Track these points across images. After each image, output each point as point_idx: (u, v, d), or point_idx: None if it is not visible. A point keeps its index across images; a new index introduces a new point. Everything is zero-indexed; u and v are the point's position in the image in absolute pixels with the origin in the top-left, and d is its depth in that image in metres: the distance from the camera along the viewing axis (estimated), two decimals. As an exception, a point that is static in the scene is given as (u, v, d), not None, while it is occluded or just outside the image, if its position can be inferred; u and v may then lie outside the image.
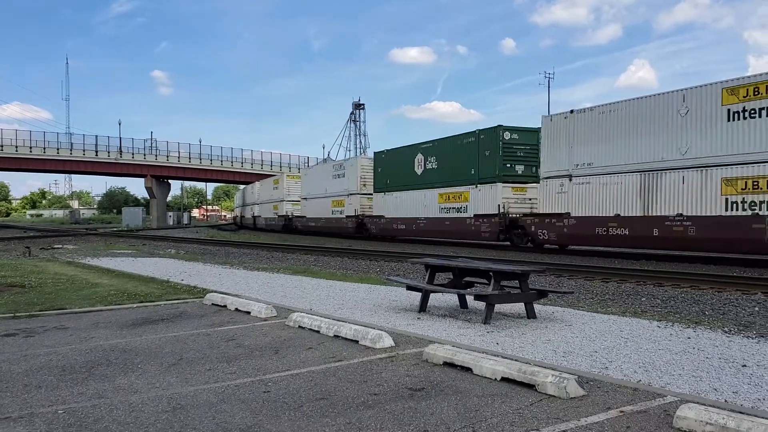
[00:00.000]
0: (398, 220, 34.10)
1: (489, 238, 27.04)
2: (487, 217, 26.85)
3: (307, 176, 49.15)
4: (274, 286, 12.20)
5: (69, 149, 73.24)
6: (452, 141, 30.23)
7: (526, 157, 26.89)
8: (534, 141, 26.23)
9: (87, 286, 11.96)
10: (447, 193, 30.03)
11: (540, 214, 24.00)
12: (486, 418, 4.20)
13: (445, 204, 30.26)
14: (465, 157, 28.70)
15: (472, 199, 28.18)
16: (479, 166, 27.78)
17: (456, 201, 29.42)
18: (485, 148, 27.44)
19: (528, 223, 24.60)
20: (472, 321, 8.07)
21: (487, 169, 27.24)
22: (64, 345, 6.79)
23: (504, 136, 26.79)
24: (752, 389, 4.90)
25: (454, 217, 29.47)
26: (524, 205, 26.64)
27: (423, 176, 32.25)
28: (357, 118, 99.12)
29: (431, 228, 31.36)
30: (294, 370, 5.57)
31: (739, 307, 9.83)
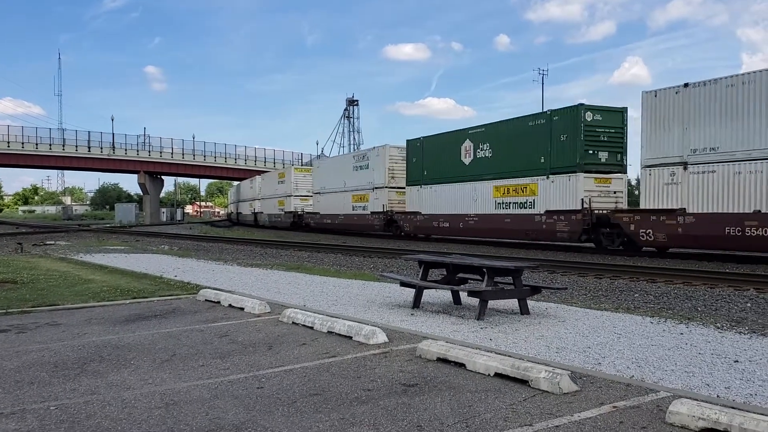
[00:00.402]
0: (440, 217, 29.65)
1: (568, 239, 22.99)
2: (565, 214, 22.60)
3: (321, 169, 44.66)
4: (268, 283, 12.18)
5: (61, 145, 72.91)
6: (512, 124, 25.77)
7: (610, 142, 22.78)
8: (619, 123, 22.88)
9: (79, 282, 11.92)
10: (506, 186, 25.66)
11: (643, 210, 19.74)
12: (479, 413, 4.21)
13: (502, 198, 25.85)
14: (531, 142, 24.30)
15: (542, 193, 23.86)
16: (552, 153, 23.33)
17: (518, 195, 25.07)
18: (561, 131, 22.98)
19: (625, 220, 20.24)
20: (466, 317, 8.07)
21: (564, 157, 22.84)
22: (56, 341, 6.76)
23: (586, 116, 22.39)
24: (744, 384, 4.92)
25: (516, 213, 25.07)
26: (608, 199, 22.53)
27: (472, 166, 27.65)
28: (351, 114, 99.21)
29: (484, 226, 26.93)
30: (287, 366, 5.57)
31: (732, 303, 9.87)
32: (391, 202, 34.49)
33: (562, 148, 23.00)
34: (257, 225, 58.34)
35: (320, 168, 45.10)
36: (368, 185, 36.19)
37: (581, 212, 21.96)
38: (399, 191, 34.24)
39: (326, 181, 42.37)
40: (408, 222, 32.57)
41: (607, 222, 21.41)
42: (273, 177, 56.23)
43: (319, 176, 44.23)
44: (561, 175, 23.03)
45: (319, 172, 44.70)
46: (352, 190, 38.05)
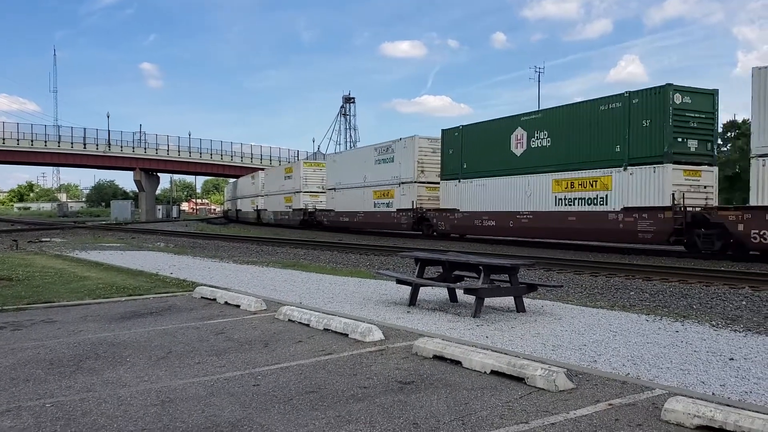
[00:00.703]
0: (483, 214, 26.42)
1: (652, 240, 19.76)
2: (649, 211, 19.54)
3: (337, 163, 41.44)
4: (264, 280, 12.17)
5: (57, 142, 72.72)
6: (578, 109, 22.65)
7: (700, 129, 19.85)
8: (709, 107, 20.10)
9: (75, 280, 11.89)
10: (569, 180, 22.43)
11: (755, 207, 16.88)
12: (475, 411, 4.21)
13: (565, 194, 22.65)
14: (603, 129, 21.26)
15: (618, 187, 20.66)
16: (630, 141, 20.29)
17: (586, 189, 21.81)
18: (642, 115, 19.97)
19: (732, 219, 17.29)
20: (462, 315, 8.08)
21: (646, 145, 19.79)
22: (51, 338, 6.75)
23: (674, 98, 19.38)
24: (739, 382, 4.94)
25: (583, 211, 21.81)
26: (698, 195, 19.65)
27: (525, 157, 24.43)
28: (347, 111, 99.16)
29: (540, 225, 23.63)
30: (284, 364, 5.56)
31: (727, 301, 9.89)
32: (421, 198, 31.53)
33: (643, 135, 19.91)
34: (260, 223, 55.50)
35: (336, 162, 41.99)
36: (393, 180, 33.27)
37: (671, 209, 18.86)
38: (429, 186, 31.35)
39: (343, 176, 39.36)
40: (443, 220, 29.20)
41: (703, 221, 18.45)
42: (278, 172, 53.25)
43: (334, 171, 41.21)
44: (642, 166, 19.90)
45: (335, 166, 41.53)
46: (373, 186, 35.26)
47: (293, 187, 47.58)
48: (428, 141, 31.55)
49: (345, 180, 38.95)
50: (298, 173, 47.17)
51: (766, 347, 6.17)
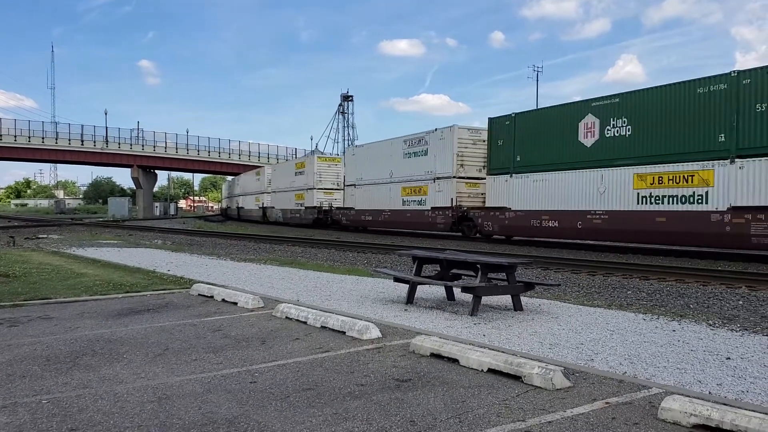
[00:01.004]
0: (542, 214, 23.37)
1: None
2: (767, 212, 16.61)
3: (357, 157, 37.91)
4: (262, 277, 12.17)
5: (54, 138, 72.64)
6: (667, 92, 19.61)
7: None
8: None
9: (72, 276, 11.88)
10: (656, 174, 19.50)
11: None
12: (472, 408, 4.21)
13: (650, 190, 19.66)
14: (701, 115, 18.42)
15: (721, 183, 17.81)
16: (739, 129, 17.48)
17: (678, 185, 18.92)
18: (756, 98, 17.22)
19: None
20: (459, 313, 8.08)
21: (759, 133, 17.05)
22: (48, 335, 6.73)
23: None
24: (736, 381, 4.94)
25: (675, 210, 18.84)
26: None
27: (597, 149, 21.45)
28: (345, 110, 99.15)
29: (618, 226, 20.66)
30: (281, 361, 5.56)
31: (724, 300, 9.91)
32: (461, 195, 27.98)
33: (756, 121, 17.17)
34: (267, 221, 52.56)
35: (356, 156, 38.39)
36: (427, 176, 29.99)
37: None
38: (470, 182, 28.06)
39: (364, 172, 36.21)
40: (491, 220, 25.89)
41: None
42: (288, 168, 50.42)
43: (354, 166, 37.87)
44: (757, 159, 17.11)
45: (354, 161, 38.15)
46: (402, 181, 32.11)
47: (305, 184, 44.77)
48: (469, 132, 28.17)
49: (367, 175, 35.87)
50: (311, 169, 44.14)
51: (763, 347, 6.18)
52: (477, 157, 28.23)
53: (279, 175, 52.52)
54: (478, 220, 26.75)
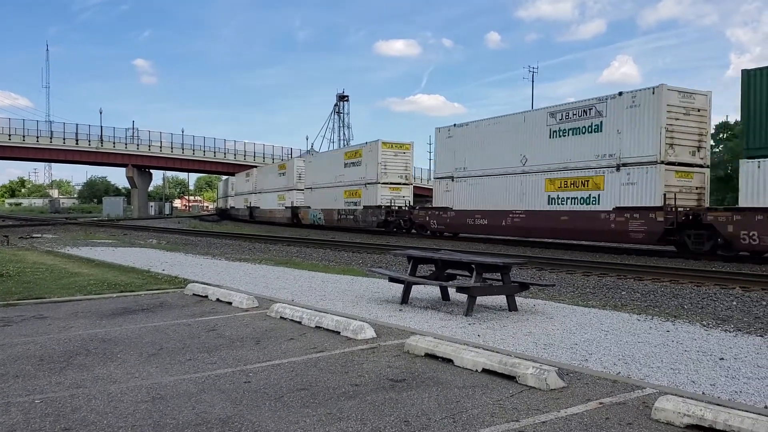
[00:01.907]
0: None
1: None
2: None
3: (454, 140, 28.48)
4: (256, 277, 12.15)
5: (49, 137, 72.34)
6: None
7: None
8: None
9: (66, 276, 11.84)
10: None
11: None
12: (467, 409, 4.22)
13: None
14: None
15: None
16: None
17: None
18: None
19: None
20: (454, 313, 8.08)
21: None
22: (42, 334, 6.71)
23: None
24: (729, 382, 4.96)
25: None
26: None
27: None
28: (341, 109, 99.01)
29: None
30: (275, 361, 5.55)
31: (718, 301, 9.94)
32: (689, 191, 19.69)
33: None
34: (298, 224, 44.58)
35: (453, 138, 28.87)
36: (599, 162, 21.29)
37: None
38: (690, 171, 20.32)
39: (468, 159, 27.64)
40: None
41: None
42: (330, 159, 42.16)
43: (449, 152, 28.90)
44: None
45: (449, 145, 29.08)
46: (545, 170, 23.37)
47: (362, 177, 36.47)
48: (680, 94, 19.89)
49: (475, 164, 27.22)
50: (373, 158, 35.29)
51: (756, 347, 6.21)
52: None
53: (315, 168, 43.41)
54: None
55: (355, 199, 36.78)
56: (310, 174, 43.98)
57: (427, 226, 30.44)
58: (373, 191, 34.97)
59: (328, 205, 39.93)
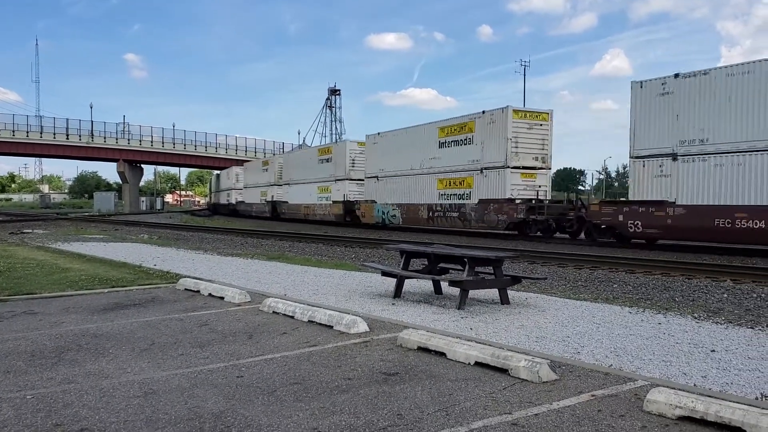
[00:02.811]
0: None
1: None
2: None
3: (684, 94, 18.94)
4: (249, 272, 12.13)
5: (39, 132, 71.87)
6: None
7: None
8: None
9: (57, 271, 11.78)
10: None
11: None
12: (459, 401, 4.22)
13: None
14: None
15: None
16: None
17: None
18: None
19: None
20: (447, 307, 8.09)
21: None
22: (33, 330, 6.68)
23: None
24: (720, 373, 4.98)
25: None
26: None
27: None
28: (333, 104, 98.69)
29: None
30: (268, 355, 5.55)
31: (709, 293, 9.98)
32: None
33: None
34: (353, 223, 36.33)
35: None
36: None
37: None
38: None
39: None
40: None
41: None
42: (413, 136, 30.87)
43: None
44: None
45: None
46: None
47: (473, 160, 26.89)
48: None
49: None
50: (496, 131, 25.56)
51: (747, 339, 6.24)
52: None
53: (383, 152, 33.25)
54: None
55: (462, 190, 27.45)
56: (374, 159, 34.20)
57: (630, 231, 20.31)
58: (497, 179, 25.62)
59: (411, 198, 30.73)
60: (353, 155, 37.12)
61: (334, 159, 38.58)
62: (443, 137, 28.70)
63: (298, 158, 46.73)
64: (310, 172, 41.81)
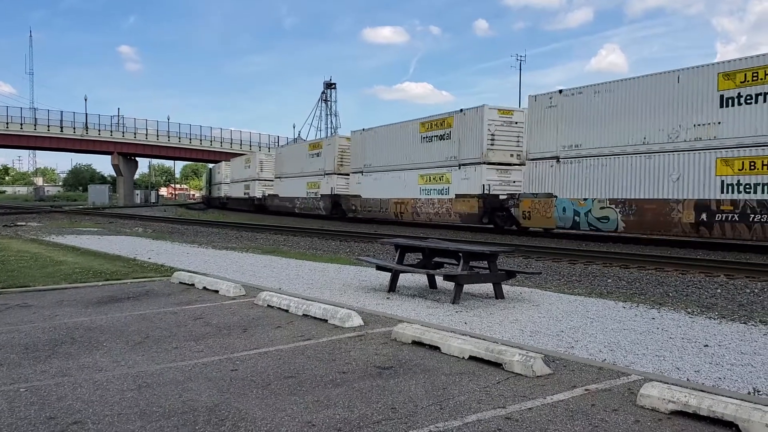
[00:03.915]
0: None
1: None
2: None
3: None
4: (243, 266, 12.12)
5: (33, 125, 71.57)
6: None
7: None
8: None
9: (51, 264, 11.75)
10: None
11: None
12: (453, 395, 4.23)
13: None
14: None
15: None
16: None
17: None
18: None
19: None
20: (441, 301, 8.10)
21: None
22: (27, 323, 6.66)
23: None
24: (713, 368, 5.01)
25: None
26: None
27: None
28: (328, 97, 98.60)
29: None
30: (262, 349, 5.54)
31: (702, 289, 10.02)
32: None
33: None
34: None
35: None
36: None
37: None
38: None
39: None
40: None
41: None
42: None
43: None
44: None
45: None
46: None
47: None
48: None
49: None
50: None
51: (740, 334, 6.26)
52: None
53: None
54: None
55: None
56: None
57: None
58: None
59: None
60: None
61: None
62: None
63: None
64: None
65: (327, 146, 39.30)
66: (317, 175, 40.40)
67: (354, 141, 36.31)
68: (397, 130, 32.22)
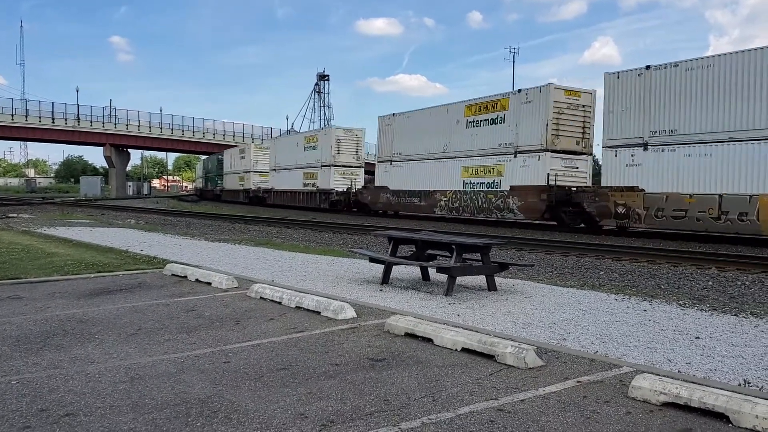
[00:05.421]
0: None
1: None
2: None
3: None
4: (236, 258, 12.10)
5: (24, 116, 71.13)
6: None
7: None
8: None
9: (43, 256, 11.70)
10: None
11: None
12: (446, 387, 4.24)
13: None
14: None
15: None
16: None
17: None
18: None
19: None
20: (434, 293, 8.11)
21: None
22: (18, 315, 6.63)
23: None
24: (705, 360, 5.03)
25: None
26: None
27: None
28: (321, 89, 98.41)
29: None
30: (255, 341, 5.54)
31: (694, 281, 10.07)
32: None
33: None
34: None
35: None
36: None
37: None
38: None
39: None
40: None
41: None
42: None
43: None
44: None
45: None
46: None
47: None
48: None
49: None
50: None
51: (731, 326, 6.30)
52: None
53: None
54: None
55: None
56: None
57: None
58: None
59: None
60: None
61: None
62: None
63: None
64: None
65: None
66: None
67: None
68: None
